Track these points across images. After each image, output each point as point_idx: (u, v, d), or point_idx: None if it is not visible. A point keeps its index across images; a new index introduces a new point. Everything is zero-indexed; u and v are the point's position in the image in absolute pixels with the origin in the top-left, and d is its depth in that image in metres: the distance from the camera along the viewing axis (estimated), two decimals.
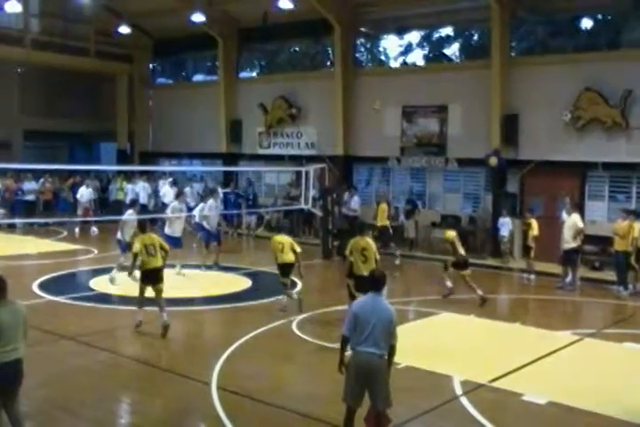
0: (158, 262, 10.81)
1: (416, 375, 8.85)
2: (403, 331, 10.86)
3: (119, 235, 14.30)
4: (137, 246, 10.73)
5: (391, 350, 6.34)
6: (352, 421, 6.41)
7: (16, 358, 6.32)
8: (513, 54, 19.53)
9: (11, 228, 21.21)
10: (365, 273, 9.90)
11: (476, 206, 20.37)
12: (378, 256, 10.95)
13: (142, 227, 11.40)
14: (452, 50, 21.86)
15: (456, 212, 20.26)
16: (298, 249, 12.08)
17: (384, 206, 17.98)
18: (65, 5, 25.40)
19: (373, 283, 6.48)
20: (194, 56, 28.55)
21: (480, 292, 13.07)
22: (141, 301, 10.87)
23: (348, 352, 6.41)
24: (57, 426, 7.35)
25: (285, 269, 12.06)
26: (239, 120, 25.26)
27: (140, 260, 10.68)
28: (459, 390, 8.32)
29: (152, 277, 10.74)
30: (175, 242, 14.59)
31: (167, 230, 15.25)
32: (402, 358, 9.12)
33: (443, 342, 10.55)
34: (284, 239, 12.20)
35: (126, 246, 13.63)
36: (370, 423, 6.36)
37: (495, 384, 8.53)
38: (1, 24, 25.02)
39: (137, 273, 11.59)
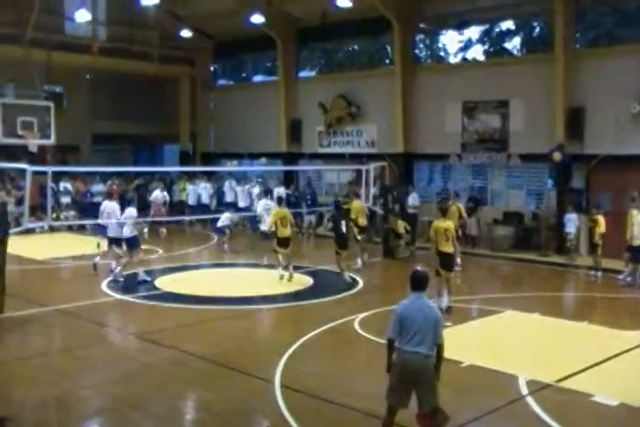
0: (288, 232, 14.36)
1: (480, 374, 8.76)
2: (466, 329, 10.93)
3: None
4: (271, 219, 14.53)
5: (439, 350, 6.27)
6: (392, 421, 6.37)
7: None
8: (577, 46, 19.03)
9: (80, 229, 21.88)
10: (448, 250, 11.99)
11: (539, 203, 19.97)
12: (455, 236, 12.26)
13: (279, 201, 15.69)
14: (513, 44, 21.42)
15: (519, 208, 19.90)
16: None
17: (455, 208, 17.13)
18: (130, 12, 26.09)
19: (416, 283, 6.39)
20: (253, 57, 28.83)
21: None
22: (278, 260, 14.80)
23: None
24: (127, 423, 7.54)
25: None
26: (299, 119, 25.41)
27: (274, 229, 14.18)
28: (524, 390, 8.18)
29: (284, 242, 14.39)
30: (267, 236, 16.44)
31: (262, 227, 16.80)
32: (465, 357, 9.13)
33: (507, 341, 10.41)
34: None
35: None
36: (423, 422, 6.29)
37: (562, 384, 8.35)
38: (71, 33, 25.92)
39: None
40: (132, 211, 14.60)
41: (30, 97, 22.46)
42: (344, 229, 14.80)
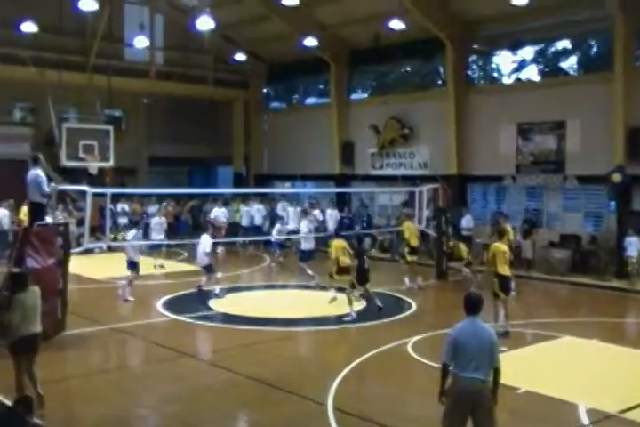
0: (348, 261, 14.03)
1: (537, 401, 8.57)
2: (522, 354, 10.73)
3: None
4: (333, 252, 14.09)
5: (496, 374, 6.12)
6: None
7: (35, 333, 7.98)
8: (638, 64, 18.69)
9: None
10: (507, 273, 11.95)
11: (597, 225, 19.55)
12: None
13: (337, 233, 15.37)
14: (570, 63, 21.19)
15: (576, 231, 19.52)
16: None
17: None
18: (186, 37, 26.79)
19: (471, 306, 6.25)
20: (306, 79, 29.19)
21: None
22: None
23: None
24: None
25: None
26: (351, 142, 25.53)
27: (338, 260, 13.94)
28: (585, 420, 7.96)
29: (346, 270, 14.01)
30: (308, 255, 17.26)
31: (303, 246, 17.44)
32: (521, 383, 8.96)
33: (565, 367, 10.16)
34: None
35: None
36: None
37: (627, 416, 8.07)
38: (130, 58, 26.77)
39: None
40: (207, 238, 15.33)
41: (91, 121, 23.20)
42: (367, 264, 13.99)
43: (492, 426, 6.08)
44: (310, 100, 29.40)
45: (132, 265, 14.99)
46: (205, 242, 15.27)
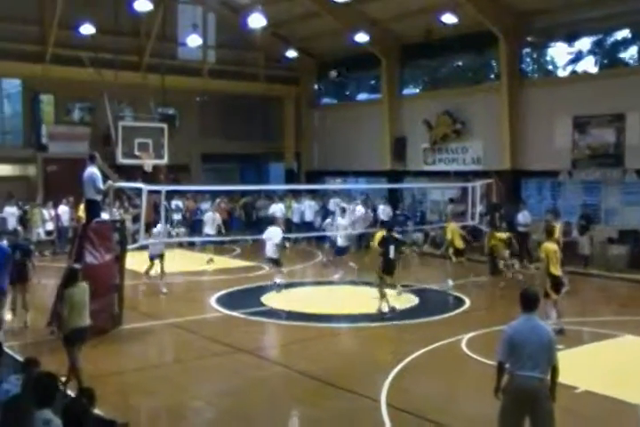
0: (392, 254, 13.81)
1: (596, 402, 8.38)
2: (579, 353, 10.50)
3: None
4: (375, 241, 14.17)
5: (553, 373, 5.99)
6: None
7: (84, 326, 8.58)
8: None
9: (190, 245, 22.64)
10: (559, 273, 11.68)
11: None
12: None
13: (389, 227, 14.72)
14: (630, 53, 20.59)
15: (636, 226, 18.98)
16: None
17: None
18: (237, 35, 27.04)
19: (527, 302, 6.11)
20: (357, 75, 29.13)
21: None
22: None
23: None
24: None
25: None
26: (403, 137, 25.38)
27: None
28: None
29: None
30: (342, 250, 17.25)
31: (340, 242, 17.16)
32: (580, 382, 8.76)
33: (625, 367, 9.88)
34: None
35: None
36: None
37: None
38: (183, 57, 27.15)
39: None
40: (277, 230, 15.65)
41: (146, 119, 23.64)
42: (393, 254, 13.40)
43: (550, 425, 5.97)
44: (361, 96, 29.32)
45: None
46: (275, 234, 15.47)
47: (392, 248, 13.33)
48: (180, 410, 8.41)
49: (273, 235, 15.45)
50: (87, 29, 22.77)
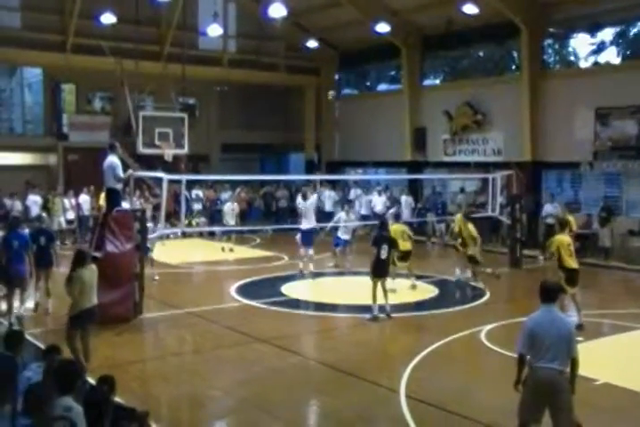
0: (409, 246, 14.34)
1: (615, 394, 8.36)
2: (599, 345, 10.47)
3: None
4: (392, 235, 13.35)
5: (573, 364, 5.99)
6: None
7: (93, 305, 8.79)
8: None
9: (210, 235, 22.77)
10: (575, 265, 11.30)
11: None
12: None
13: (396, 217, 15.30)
14: None
15: None
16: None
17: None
18: (258, 25, 27.03)
19: (547, 294, 6.12)
20: (377, 66, 29.00)
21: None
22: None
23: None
24: (255, 424, 7.79)
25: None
26: (423, 128, 25.27)
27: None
28: None
29: (405, 256, 14.26)
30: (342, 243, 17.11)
31: (341, 233, 17.13)
32: (599, 374, 8.74)
33: None
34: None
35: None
36: None
37: None
38: (204, 47, 27.20)
39: None
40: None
41: (166, 109, 23.72)
42: (385, 254, 12.15)
43: (569, 417, 5.97)
44: (382, 87, 29.19)
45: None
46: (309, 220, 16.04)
47: (385, 248, 12.13)
48: (199, 399, 8.49)
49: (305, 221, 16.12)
50: (108, 19, 22.88)
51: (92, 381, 7.58)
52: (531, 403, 6.05)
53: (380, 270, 12.13)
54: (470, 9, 20.47)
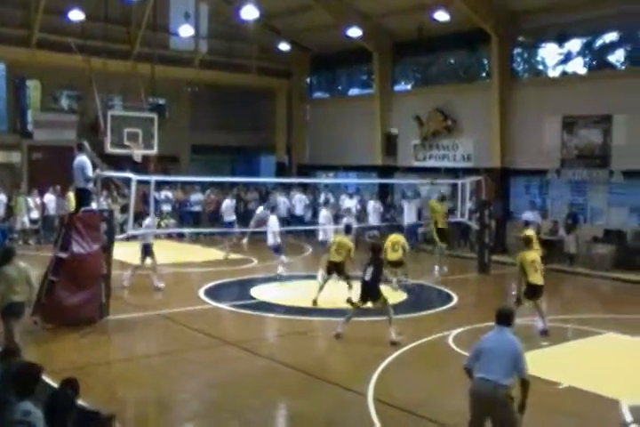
0: (395, 257, 14.49)
1: (579, 397, 8.49)
2: (563, 350, 10.63)
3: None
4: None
5: (522, 386, 6.12)
6: None
7: (18, 301, 8.87)
8: None
9: (179, 237, 22.60)
10: (539, 282, 11.26)
11: None
12: (542, 267, 11.56)
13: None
14: (617, 56, 20.77)
15: (621, 226, 19.17)
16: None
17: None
18: (230, 26, 26.95)
19: (500, 318, 6.37)
20: (349, 70, 29.14)
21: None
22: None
23: None
24: None
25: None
26: (394, 133, 25.40)
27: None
28: (628, 417, 7.86)
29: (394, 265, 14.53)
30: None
31: (321, 237, 16.84)
32: (563, 378, 8.89)
33: (607, 364, 10.02)
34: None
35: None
36: None
37: None
38: (175, 47, 27.04)
39: None
40: (274, 219, 15.93)
41: (136, 109, 23.51)
42: (368, 276, 11.03)
43: None
44: (353, 91, 29.32)
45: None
46: (273, 223, 15.75)
47: (369, 270, 11.04)
48: (166, 402, 8.43)
49: (271, 223, 15.79)
50: (76, 15, 22.52)
51: (54, 384, 7.48)
52: (472, 413, 6.19)
53: (362, 293, 11.16)
54: (441, 16, 20.66)
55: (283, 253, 16.09)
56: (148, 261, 14.96)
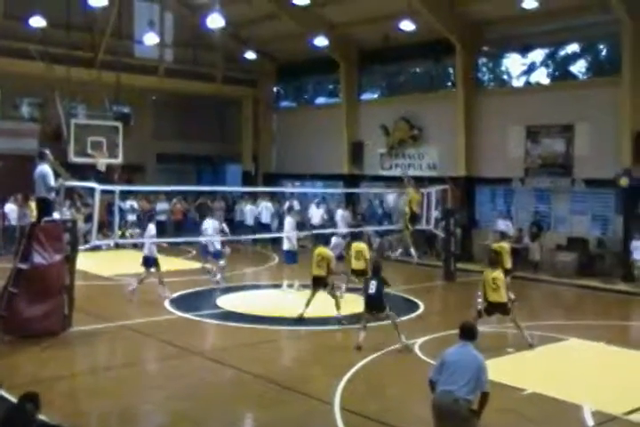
0: (359, 266, 14.23)
1: (543, 403, 8.56)
2: (528, 356, 10.72)
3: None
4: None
5: (482, 398, 6.16)
6: None
7: None
8: None
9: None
10: (499, 299, 11.17)
11: (604, 229, 19.51)
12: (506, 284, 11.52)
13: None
14: (579, 67, 21.16)
15: (583, 234, 19.47)
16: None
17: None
18: (195, 35, 26.84)
19: (463, 333, 6.46)
20: (316, 79, 29.20)
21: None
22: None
23: None
24: None
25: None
26: (361, 142, 25.52)
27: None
28: (590, 421, 7.96)
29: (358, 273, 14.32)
30: (293, 257, 16.20)
31: (286, 246, 16.38)
32: (527, 384, 8.97)
33: (571, 369, 10.15)
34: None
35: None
36: None
37: (630, 417, 8.08)
38: (140, 55, 26.82)
39: None
40: (214, 222, 15.85)
41: (100, 117, 23.21)
42: (373, 289, 11.29)
43: None
44: (320, 100, 29.39)
45: (151, 261, 14.84)
46: (212, 226, 15.74)
47: (373, 283, 11.31)
48: (131, 414, 8.30)
49: (210, 227, 15.84)
50: (37, 22, 22.14)
51: (14, 399, 7.30)
52: (434, 425, 6.20)
53: (368, 306, 11.44)
54: (407, 26, 20.78)
55: (222, 259, 16.14)
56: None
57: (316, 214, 22.73)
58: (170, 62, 27.64)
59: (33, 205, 17.00)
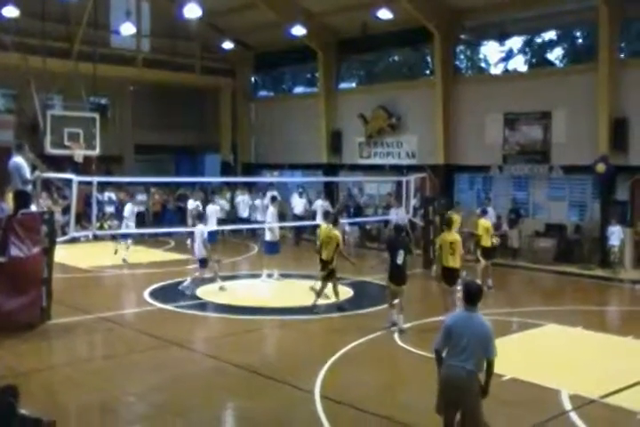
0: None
1: (521, 388, 8.66)
2: (506, 342, 10.80)
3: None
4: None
5: (489, 366, 6.03)
6: None
7: None
8: (622, 56, 18.79)
9: (123, 238, 22.18)
10: (454, 265, 11.27)
11: (582, 215, 19.71)
12: (462, 251, 11.63)
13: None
14: (556, 54, 21.31)
15: (561, 220, 19.66)
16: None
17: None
18: (172, 25, 26.61)
19: (469, 296, 6.15)
20: (294, 68, 29.10)
21: None
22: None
23: None
24: None
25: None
26: (339, 131, 25.50)
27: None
28: (567, 405, 8.06)
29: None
30: (274, 247, 15.96)
31: (268, 237, 16.11)
32: (506, 370, 9.00)
33: (549, 355, 10.26)
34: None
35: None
36: None
37: (607, 400, 8.21)
38: (117, 46, 26.55)
39: None
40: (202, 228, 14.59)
41: (77, 108, 22.99)
42: (401, 259, 11.36)
43: (476, 419, 6.00)
44: (298, 89, 29.31)
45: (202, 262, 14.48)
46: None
47: (400, 253, 11.25)
48: (111, 405, 8.27)
49: (198, 233, 14.52)
50: (10, 12, 21.81)
51: None
52: (442, 399, 6.12)
53: (396, 277, 11.35)
54: (384, 14, 20.76)
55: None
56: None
57: (298, 204, 22.75)
58: (147, 53, 27.43)
59: (10, 197, 16.83)
